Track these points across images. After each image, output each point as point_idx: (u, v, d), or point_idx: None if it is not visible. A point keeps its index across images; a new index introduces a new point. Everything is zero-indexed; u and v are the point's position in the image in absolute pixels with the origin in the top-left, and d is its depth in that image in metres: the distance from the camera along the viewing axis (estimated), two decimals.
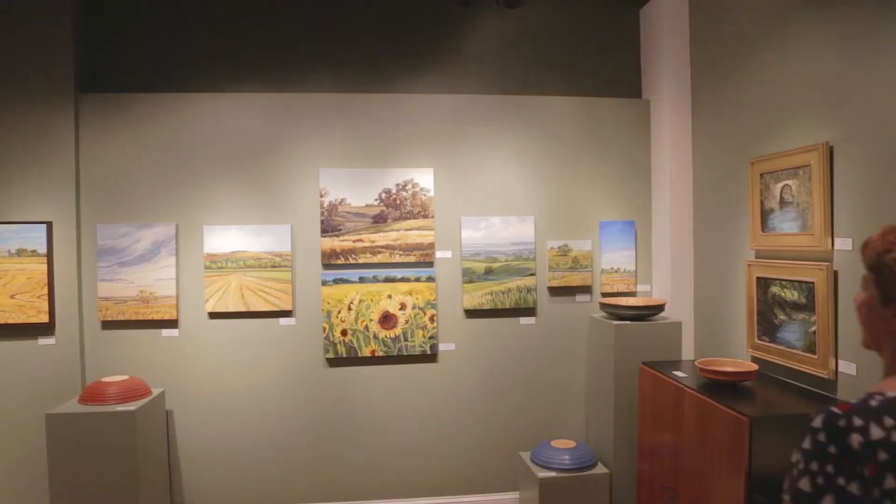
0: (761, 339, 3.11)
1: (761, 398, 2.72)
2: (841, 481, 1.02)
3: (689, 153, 3.89)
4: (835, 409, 1.08)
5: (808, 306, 2.77)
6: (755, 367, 2.97)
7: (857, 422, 1.04)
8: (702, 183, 3.79)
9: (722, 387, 2.88)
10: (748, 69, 3.28)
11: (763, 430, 2.42)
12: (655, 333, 3.60)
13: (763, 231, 3.11)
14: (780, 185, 2.97)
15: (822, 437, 1.07)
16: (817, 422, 1.09)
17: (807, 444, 1.09)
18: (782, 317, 2.95)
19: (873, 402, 1.07)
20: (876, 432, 1.02)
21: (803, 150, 2.78)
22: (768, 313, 3.05)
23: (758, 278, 3.14)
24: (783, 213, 2.96)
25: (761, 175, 3.11)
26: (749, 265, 3.20)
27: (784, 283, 2.94)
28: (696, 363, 3.03)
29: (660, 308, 3.67)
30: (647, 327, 3.60)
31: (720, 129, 3.57)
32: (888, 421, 1.03)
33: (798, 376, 2.86)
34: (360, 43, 4.05)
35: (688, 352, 3.78)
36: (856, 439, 1.03)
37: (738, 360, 3.15)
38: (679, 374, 3.10)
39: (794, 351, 2.86)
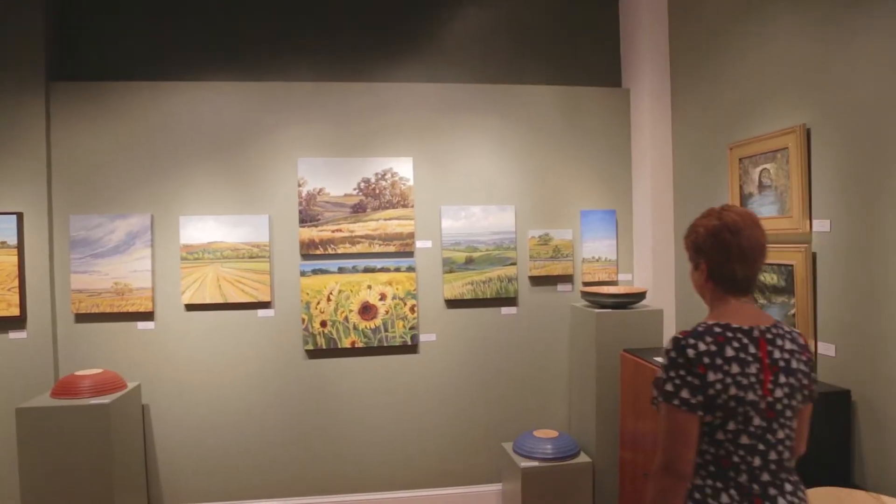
0: None
1: None
2: (688, 378, 1.57)
3: (668, 141, 3.89)
4: (678, 336, 1.63)
5: (788, 289, 2.77)
6: None
7: (691, 341, 1.59)
8: (682, 170, 3.78)
9: None
10: (726, 55, 3.28)
11: None
12: (637, 321, 3.58)
13: None
14: (759, 169, 2.97)
15: (673, 353, 1.61)
16: (669, 345, 1.64)
17: (665, 360, 1.63)
18: (762, 301, 2.95)
19: (700, 329, 1.62)
20: (701, 346, 1.58)
21: (781, 132, 2.78)
22: None
23: None
24: (762, 197, 2.96)
25: (740, 160, 3.11)
26: None
27: (764, 266, 2.93)
28: None
29: (641, 296, 3.66)
30: (628, 315, 3.59)
31: (699, 115, 3.57)
32: (707, 339, 1.59)
33: None
34: (338, 31, 4.01)
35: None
36: (691, 352, 1.58)
37: None
38: (660, 360, 3.09)
39: None
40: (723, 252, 1.65)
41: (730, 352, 1.56)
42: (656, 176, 3.89)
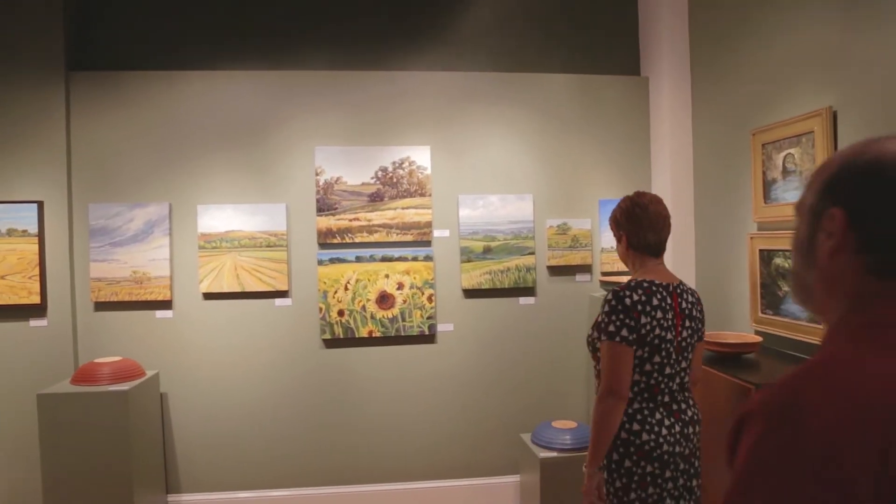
0: (765, 313, 3.06)
1: (766, 368, 2.67)
2: (626, 321, 2.00)
3: (688, 129, 3.84)
4: (616, 290, 2.06)
5: None
6: (758, 338, 2.92)
7: (628, 293, 2.03)
8: (702, 158, 3.74)
9: (725, 359, 2.84)
10: (747, 40, 3.23)
11: None
12: None
13: (765, 203, 3.06)
14: (783, 154, 2.92)
15: (614, 302, 2.03)
16: (609, 297, 2.05)
17: (606, 307, 2.04)
18: (786, 288, 2.90)
19: (633, 284, 2.06)
20: (635, 297, 2.02)
21: (806, 116, 2.73)
22: (772, 286, 3.00)
23: (760, 251, 3.09)
24: (786, 183, 2.91)
25: (763, 145, 3.06)
26: (751, 238, 3.15)
27: (788, 253, 2.89)
28: None
29: None
30: None
31: (720, 102, 3.52)
32: (639, 291, 2.04)
33: (803, 348, 2.81)
34: (355, 20, 4.00)
35: None
36: (627, 301, 2.01)
37: (742, 333, 3.10)
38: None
39: (799, 322, 2.81)
40: (636, 224, 2.16)
41: (655, 301, 2.04)
42: (676, 164, 3.84)
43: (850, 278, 0.85)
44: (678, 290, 2.13)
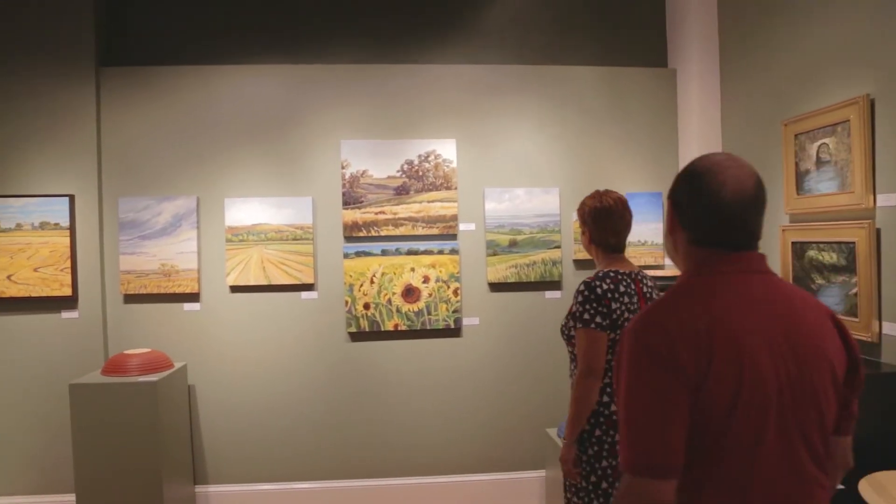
0: None
1: None
2: (599, 308, 2.22)
3: (717, 120, 3.79)
4: (588, 280, 2.27)
5: (849, 268, 2.67)
6: None
7: (598, 283, 2.26)
8: (731, 150, 3.68)
9: None
10: (779, 29, 3.18)
11: None
12: None
13: (798, 194, 3.01)
14: (817, 144, 2.87)
15: (587, 292, 2.25)
16: (581, 287, 2.27)
17: (580, 297, 2.25)
18: (820, 281, 2.85)
19: (601, 275, 2.29)
20: (605, 286, 2.25)
21: (842, 104, 2.68)
22: (805, 279, 2.95)
23: (793, 243, 3.04)
24: (820, 174, 2.86)
25: (796, 136, 3.01)
26: (783, 230, 3.10)
27: (822, 245, 2.84)
28: None
29: None
30: None
31: (750, 93, 3.47)
32: (608, 280, 2.26)
33: None
34: (380, 13, 4.00)
35: None
36: (599, 290, 2.24)
37: None
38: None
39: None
40: (600, 227, 2.38)
41: (622, 288, 2.28)
42: None
43: (682, 246, 1.35)
44: (639, 277, 2.38)
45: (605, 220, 2.36)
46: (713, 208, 1.27)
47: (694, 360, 1.15)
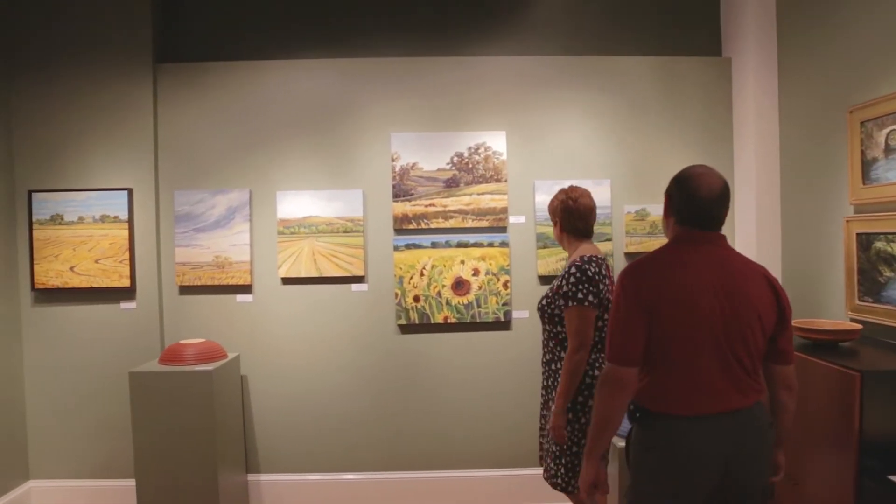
0: (863, 300, 2.91)
1: (866, 356, 2.54)
2: (591, 288, 2.49)
3: (775, 110, 3.69)
4: (579, 264, 2.52)
5: None
6: (858, 326, 2.78)
7: (587, 266, 2.52)
8: (790, 140, 3.58)
9: (820, 347, 2.72)
10: (842, 12, 3.07)
11: (874, 387, 2.25)
12: None
13: (864, 184, 2.91)
14: (886, 131, 2.76)
15: (578, 274, 2.51)
16: (572, 269, 2.53)
17: (573, 279, 2.51)
18: (889, 273, 2.75)
19: (585, 258, 2.55)
20: (592, 269, 2.52)
21: None
22: (871, 271, 2.85)
23: (858, 235, 2.94)
24: (889, 162, 2.76)
25: (862, 123, 2.91)
26: (847, 221, 3.00)
27: (890, 236, 2.74)
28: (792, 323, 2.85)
29: None
30: None
31: (811, 80, 3.36)
32: (593, 264, 2.54)
33: None
34: (429, 6, 4.00)
35: None
36: (589, 272, 2.51)
37: (837, 321, 2.96)
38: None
39: None
40: (569, 214, 2.70)
41: (604, 271, 2.58)
42: (761, 148, 3.69)
43: (670, 225, 2.01)
44: (605, 261, 2.69)
45: (573, 209, 2.68)
46: (692, 202, 1.91)
47: (652, 296, 1.84)
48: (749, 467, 1.87)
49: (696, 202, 1.89)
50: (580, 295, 2.48)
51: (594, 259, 2.57)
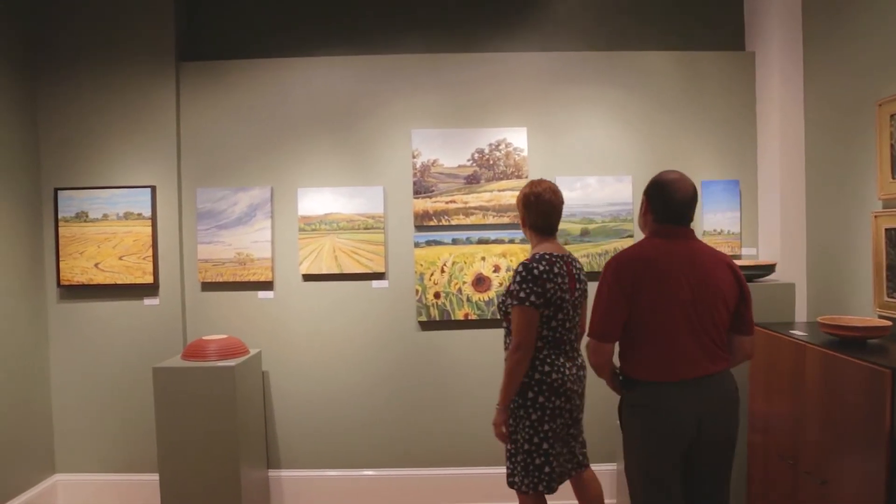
0: (892, 297, 2.86)
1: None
2: (535, 288, 2.48)
3: (800, 104, 3.64)
4: (526, 262, 2.54)
5: None
6: (888, 323, 2.73)
7: (534, 264, 2.52)
8: (816, 135, 3.53)
9: (849, 344, 2.66)
10: (870, 4, 3.02)
11: None
12: (766, 295, 3.37)
13: (893, 178, 2.86)
14: None
15: (524, 273, 2.51)
16: (519, 268, 2.53)
17: (518, 277, 2.51)
18: None
19: (537, 257, 2.56)
20: (541, 267, 2.51)
21: None
22: None
23: (887, 230, 2.89)
24: None
25: (891, 116, 2.86)
26: (876, 217, 2.95)
27: None
28: (818, 320, 2.81)
29: (770, 269, 3.45)
30: (756, 289, 3.35)
31: (837, 74, 3.31)
32: (543, 262, 2.53)
33: None
34: (449, 3, 4.00)
35: (800, 315, 3.54)
36: (535, 271, 2.50)
37: (865, 317, 2.92)
38: (797, 333, 2.89)
39: None
40: (530, 209, 2.67)
41: (556, 269, 2.55)
42: (785, 143, 3.65)
43: (649, 222, 2.38)
44: (569, 260, 2.67)
45: (534, 205, 2.65)
46: (667, 203, 2.30)
47: (631, 281, 2.22)
48: (718, 421, 2.27)
49: (674, 204, 2.29)
50: (522, 294, 2.49)
51: (546, 257, 2.56)
